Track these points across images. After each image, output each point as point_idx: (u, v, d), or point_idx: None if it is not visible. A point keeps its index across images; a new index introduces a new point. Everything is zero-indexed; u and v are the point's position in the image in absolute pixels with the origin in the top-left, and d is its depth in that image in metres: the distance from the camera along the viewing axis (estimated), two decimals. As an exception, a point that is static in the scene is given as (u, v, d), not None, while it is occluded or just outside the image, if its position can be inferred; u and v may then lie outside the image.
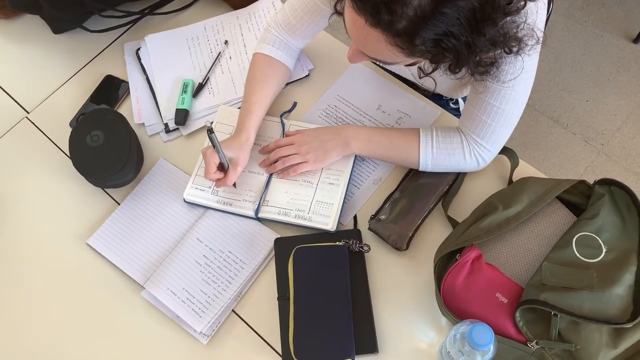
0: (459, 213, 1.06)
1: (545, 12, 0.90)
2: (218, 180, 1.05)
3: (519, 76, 0.90)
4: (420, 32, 0.72)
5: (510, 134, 1.02)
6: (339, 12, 0.87)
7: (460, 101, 1.32)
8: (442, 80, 1.08)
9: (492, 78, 0.89)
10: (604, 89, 2.20)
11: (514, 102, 0.95)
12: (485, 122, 0.98)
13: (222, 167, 1.05)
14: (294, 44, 1.16)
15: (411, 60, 0.83)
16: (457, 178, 1.07)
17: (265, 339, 1.00)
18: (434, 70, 0.91)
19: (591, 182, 0.99)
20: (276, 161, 1.09)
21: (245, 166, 1.09)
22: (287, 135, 1.13)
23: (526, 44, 0.81)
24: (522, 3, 0.76)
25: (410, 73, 1.13)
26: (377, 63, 1.21)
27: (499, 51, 0.80)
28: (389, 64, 0.86)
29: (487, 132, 1.00)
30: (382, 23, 0.72)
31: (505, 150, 1.07)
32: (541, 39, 0.84)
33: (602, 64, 2.25)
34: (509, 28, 0.78)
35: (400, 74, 1.22)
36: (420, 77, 1.05)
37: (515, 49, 0.81)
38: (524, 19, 0.80)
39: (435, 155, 1.03)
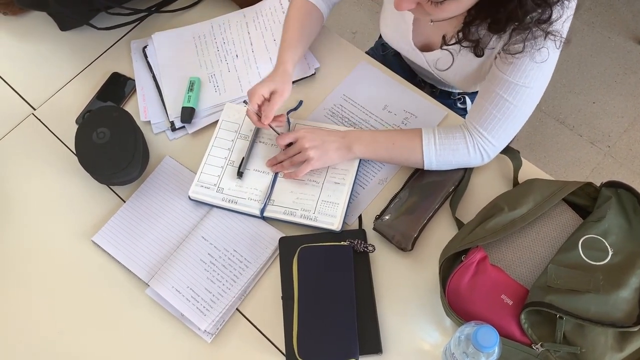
0: (464, 214, 1.06)
1: (569, 24, 0.91)
2: (261, 108, 1.06)
3: (536, 74, 0.91)
4: None
5: (516, 133, 1.02)
6: None
7: (468, 101, 1.32)
8: (459, 66, 1.08)
9: (525, 49, 0.90)
10: (611, 91, 2.19)
11: (526, 100, 0.96)
12: (494, 115, 0.98)
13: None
14: None
15: None
16: (463, 178, 1.07)
17: (269, 338, 1.00)
18: (457, 42, 0.91)
19: (597, 184, 0.99)
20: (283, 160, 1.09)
21: (252, 163, 1.09)
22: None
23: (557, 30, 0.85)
24: None
25: (425, 60, 1.14)
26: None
27: (544, 12, 0.82)
28: (441, 1, 0.83)
29: (494, 126, 0.99)
30: None
31: (508, 151, 1.07)
32: (563, 39, 0.88)
33: (610, 65, 2.24)
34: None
35: (416, 62, 1.21)
36: (441, 48, 1.05)
37: (552, 22, 0.83)
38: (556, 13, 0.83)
39: (438, 151, 1.03)
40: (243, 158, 1.11)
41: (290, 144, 1.09)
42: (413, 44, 1.14)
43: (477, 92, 1.28)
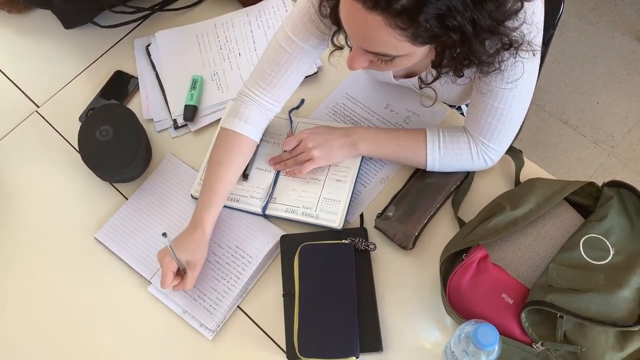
0: (466, 213, 1.06)
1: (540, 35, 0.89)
2: (175, 286, 0.98)
3: (520, 77, 0.90)
4: (422, 8, 0.69)
5: (517, 132, 1.02)
6: (326, 16, 0.87)
7: (463, 106, 1.31)
8: (444, 91, 1.08)
9: (496, 76, 0.89)
10: (615, 91, 2.18)
11: (517, 103, 0.94)
12: (490, 123, 0.98)
13: (178, 271, 0.99)
14: (272, 106, 1.06)
15: (417, 51, 0.79)
16: (466, 178, 1.07)
17: (270, 336, 1.00)
18: (435, 79, 0.90)
19: (600, 184, 0.99)
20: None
21: (254, 162, 1.09)
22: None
23: (525, 43, 0.82)
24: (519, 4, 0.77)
25: (411, 84, 1.11)
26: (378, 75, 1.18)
27: (501, 42, 0.80)
28: (391, 58, 0.81)
29: (492, 133, 0.99)
30: (380, 3, 0.70)
31: (510, 150, 1.06)
32: (537, 49, 0.85)
33: (614, 65, 2.23)
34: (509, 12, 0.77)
35: (402, 85, 1.20)
36: (420, 88, 1.04)
37: (516, 43, 0.81)
38: (522, 20, 0.80)
39: (442, 155, 1.03)
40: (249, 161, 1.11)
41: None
42: (393, 76, 1.10)
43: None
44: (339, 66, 1.22)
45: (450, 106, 1.20)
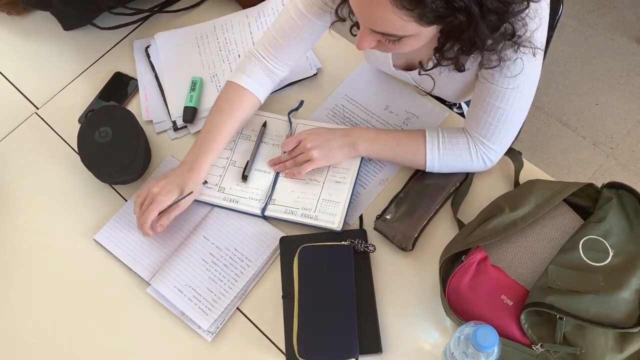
0: (465, 214, 1.06)
1: (546, 30, 0.90)
2: (139, 220, 1.01)
3: (522, 77, 0.90)
4: None
5: (516, 134, 1.02)
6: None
7: (464, 106, 1.31)
8: (445, 84, 1.08)
9: (496, 72, 0.90)
10: (614, 93, 2.18)
11: (518, 103, 0.95)
12: (490, 123, 0.98)
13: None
14: (277, 70, 1.10)
15: (423, 32, 0.80)
16: (465, 179, 1.07)
17: (270, 338, 1.00)
18: (435, 65, 0.90)
19: (599, 185, 0.99)
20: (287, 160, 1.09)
21: (253, 163, 1.09)
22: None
23: (527, 37, 0.83)
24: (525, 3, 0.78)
25: (411, 77, 1.12)
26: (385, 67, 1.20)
27: (505, 29, 0.81)
28: (399, 38, 0.81)
29: (492, 133, 0.99)
30: None
31: (509, 152, 1.06)
32: (542, 46, 0.86)
33: (613, 67, 2.24)
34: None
35: (401, 79, 1.20)
36: (420, 74, 1.05)
37: (518, 37, 0.82)
38: (526, 16, 0.81)
39: (441, 156, 1.03)
40: (248, 161, 1.11)
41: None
42: (392, 65, 1.11)
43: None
44: (338, 67, 1.23)
45: (449, 106, 1.20)
